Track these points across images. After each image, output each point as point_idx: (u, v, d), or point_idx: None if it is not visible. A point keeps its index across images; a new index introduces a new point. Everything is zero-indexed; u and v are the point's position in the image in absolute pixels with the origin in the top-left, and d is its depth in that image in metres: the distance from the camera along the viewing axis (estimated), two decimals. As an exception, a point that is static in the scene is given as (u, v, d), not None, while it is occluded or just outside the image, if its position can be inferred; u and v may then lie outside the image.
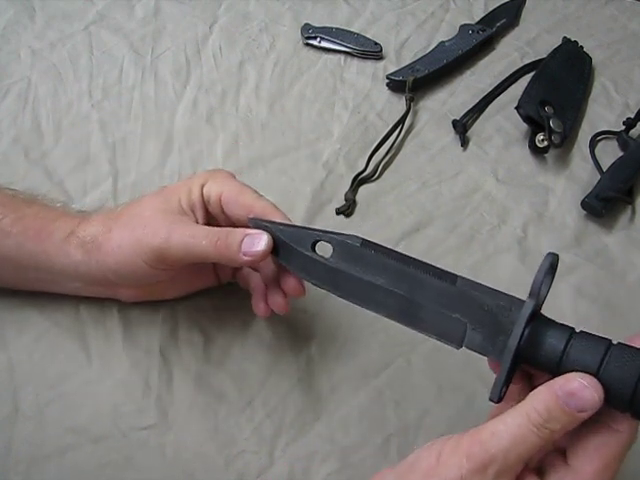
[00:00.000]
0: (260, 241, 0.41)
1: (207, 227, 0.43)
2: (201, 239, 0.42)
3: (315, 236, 0.41)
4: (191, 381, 0.48)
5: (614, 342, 0.34)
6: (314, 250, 0.42)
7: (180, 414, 0.46)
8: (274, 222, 0.43)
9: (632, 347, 0.34)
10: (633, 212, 0.62)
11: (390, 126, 0.65)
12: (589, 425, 0.34)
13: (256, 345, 0.50)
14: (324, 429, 0.47)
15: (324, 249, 0.42)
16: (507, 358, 0.34)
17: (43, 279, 0.47)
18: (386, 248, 0.40)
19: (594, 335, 0.35)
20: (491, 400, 0.35)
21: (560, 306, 0.54)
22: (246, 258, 0.41)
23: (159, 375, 0.48)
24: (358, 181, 0.61)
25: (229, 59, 0.71)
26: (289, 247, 0.42)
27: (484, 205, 0.61)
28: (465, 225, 0.59)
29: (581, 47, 0.75)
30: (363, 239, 0.41)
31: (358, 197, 0.61)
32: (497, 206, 0.61)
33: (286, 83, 0.70)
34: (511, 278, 0.56)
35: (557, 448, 0.36)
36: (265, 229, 0.42)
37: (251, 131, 0.65)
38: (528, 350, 0.35)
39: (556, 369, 0.34)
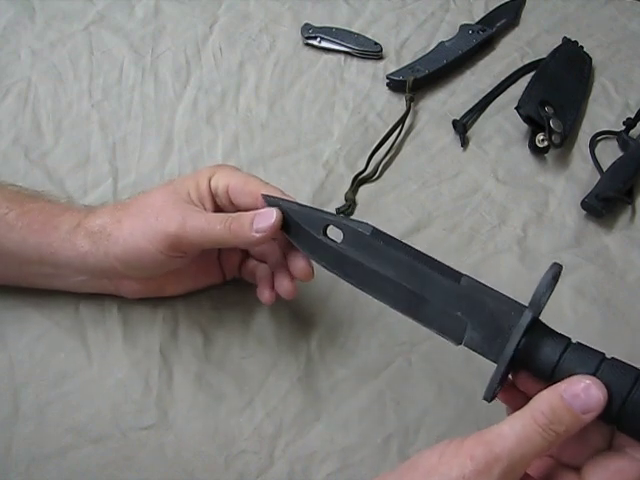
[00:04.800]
0: (270, 216, 0.42)
1: (219, 213, 0.44)
2: (216, 224, 0.43)
3: (327, 220, 0.42)
4: (191, 381, 0.48)
5: (607, 356, 0.35)
6: (325, 234, 0.42)
7: (180, 414, 0.46)
8: (287, 201, 0.44)
9: (624, 362, 0.35)
10: (633, 212, 0.62)
11: (390, 126, 0.65)
12: (609, 453, 0.35)
13: (256, 345, 0.50)
14: (324, 429, 0.47)
15: (335, 233, 0.42)
16: (503, 362, 0.35)
17: (47, 274, 0.47)
18: (395, 239, 0.41)
19: (589, 348, 0.36)
20: (484, 399, 0.36)
21: (560, 306, 0.54)
22: (258, 235, 0.42)
23: (159, 375, 0.48)
24: (358, 181, 0.61)
25: (229, 59, 0.71)
26: (301, 228, 0.43)
27: (484, 205, 0.61)
28: (465, 225, 0.59)
29: (581, 47, 0.75)
30: (374, 228, 0.41)
31: (358, 197, 0.61)
32: (497, 206, 0.61)
33: (286, 83, 0.70)
34: (511, 278, 0.56)
35: (571, 466, 0.36)
36: (277, 206, 0.43)
37: (251, 131, 0.65)
38: (524, 357, 0.36)
39: (549, 377, 0.35)
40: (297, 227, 0.43)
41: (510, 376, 0.38)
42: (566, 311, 0.54)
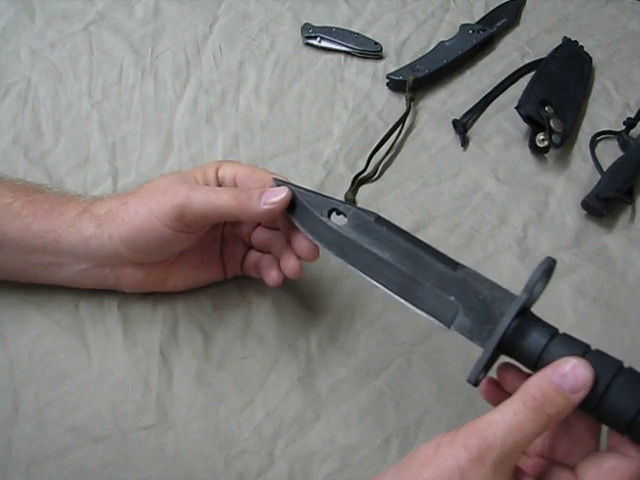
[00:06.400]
0: (280, 192, 0.43)
1: (226, 187, 0.45)
2: (222, 193, 0.43)
3: (333, 204, 0.43)
4: (191, 381, 0.48)
5: (592, 348, 0.36)
6: (329, 217, 0.43)
7: (180, 414, 0.46)
8: (296, 185, 0.45)
9: (607, 354, 0.35)
10: (633, 212, 0.62)
11: (390, 126, 0.65)
12: (604, 451, 0.36)
13: (256, 345, 0.50)
14: (324, 429, 0.47)
15: (339, 219, 0.43)
16: (491, 344, 0.36)
17: (48, 263, 0.47)
18: (398, 227, 0.42)
19: (575, 339, 0.36)
20: (468, 382, 0.36)
21: (560, 306, 0.54)
22: (266, 207, 0.43)
23: (159, 374, 0.48)
24: (358, 181, 0.61)
25: (229, 59, 0.71)
26: (306, 209, 0.44)
27: (484, 205, 0.61)
28: (465, 225, 0.59)
29: (581, 47, 0.75)
30: (378, 215, 0.43)
31: (358, 197, 0.61)
32: (497, 206, 0.61)
33: (286, 83, 0.70)
34: (511, 278, 0.56)
35: (565, 464, 0.37)
36: (286, 186, 0.44)
37: (251, 131, 0.65)
38: (512, 341, 0.36)
39: (535, 364, 0.36)
40: (303, 209, 0.44)
41: (497, 377, 0.38)
42: (566, 311, 0.54)
